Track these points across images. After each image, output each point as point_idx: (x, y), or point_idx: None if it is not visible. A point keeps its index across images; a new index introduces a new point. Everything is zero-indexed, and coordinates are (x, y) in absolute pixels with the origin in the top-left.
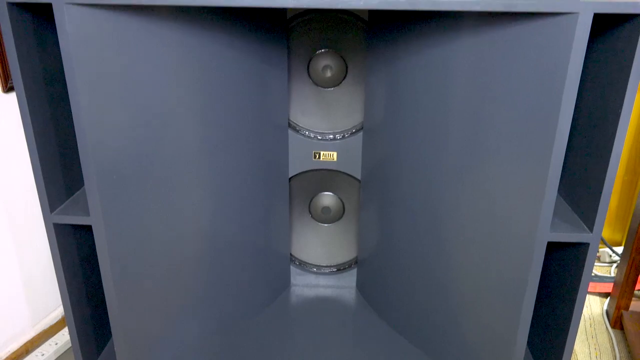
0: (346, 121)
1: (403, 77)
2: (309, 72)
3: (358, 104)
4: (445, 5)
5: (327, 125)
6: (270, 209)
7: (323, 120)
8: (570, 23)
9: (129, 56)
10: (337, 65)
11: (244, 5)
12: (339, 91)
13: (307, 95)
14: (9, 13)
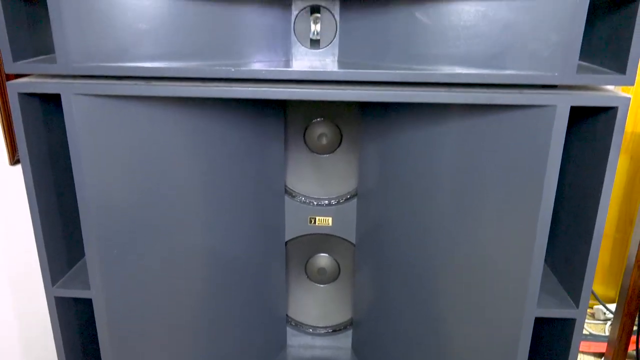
0: (341, 187)
1: (395, 149)
2: (305, 140)
3: (352, 170)
4: (430, 97)
5: (322, 191)
6: (267, 272)
7: (318, 186)
8: (549, 114)
9: (133, 138)
10: (332, 133)
11: (240, 97)
12: (334, 158)
13: (303, 161)
14: (19, 101)
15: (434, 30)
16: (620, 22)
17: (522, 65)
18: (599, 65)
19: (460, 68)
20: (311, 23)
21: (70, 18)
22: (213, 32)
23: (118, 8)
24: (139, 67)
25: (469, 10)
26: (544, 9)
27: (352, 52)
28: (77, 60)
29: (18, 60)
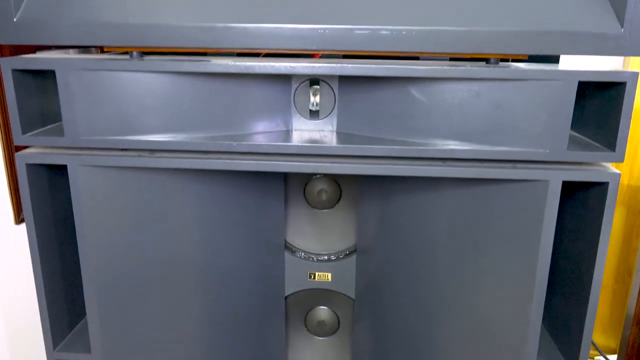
0: (340, 243)
1: (392, 209)
2: (305, 195)
3: (352, 225)
4: (425, 172)
5: (322, 246)
6: (266, 326)
7: (318, 241)
8: (542, 188)
9: (136, 205)
10: (331, 189)
11: (242, 169)
12: (334, 213)
13: (303, 216)
14: (27, 171)
15: (429, 106)
16: (608, 100)
17: (514, 142)
18: (591, 136)
19: (454, 142)
20: (310, 95)
21: (78, 94)
22: (215, 106)
23: (123, 85)
24: (143, 140)
25: (462, 89)
26: (535, 90)
27: (350, 124)
28: (84, 133)
29: (27, 132)
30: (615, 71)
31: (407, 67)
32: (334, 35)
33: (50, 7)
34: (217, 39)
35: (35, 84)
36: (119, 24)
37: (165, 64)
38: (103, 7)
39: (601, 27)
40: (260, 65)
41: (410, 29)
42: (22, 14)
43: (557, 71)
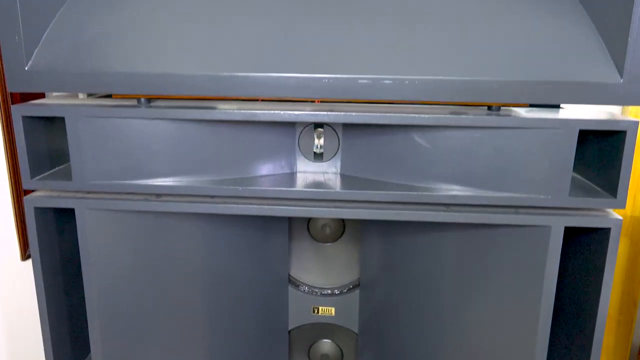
0: (344, 277)
1: (396, 244)
2: (309, 229)
3: (355, 259)
4: (429, 217)
5: (325, 280)
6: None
7: (322, 275)
8: (544, 233)
9: (141, 246)
10: (335, 223)
11: (247, 214)
12: (337, 247)
13: (307, 250)
14: (35, 215)
15: (431, 151)
16: (609, 146)
17: (517, 188)
18: (592, 179)
19: (457, 187)
20: (315, 137)
21: (86, 140)
22: (221, 150)
23: (131, 131)
24: (150, 184)
25: (464, 136)
26: (536, 137)
27: (354, 166)
28: (92, 177)
29: (35, 176)
30: (616, 120)
31: (409, 115)
32: (338, 84)
33: (60, 57)
34: (222, 87)
35: (44, 128)
36: (127, 73)
37: (172, 111)
38: (111, 56)
39: (601, 77)
40: (265, 113)
41: (413, 78)
42: (33, 63)
43: (558, 120)
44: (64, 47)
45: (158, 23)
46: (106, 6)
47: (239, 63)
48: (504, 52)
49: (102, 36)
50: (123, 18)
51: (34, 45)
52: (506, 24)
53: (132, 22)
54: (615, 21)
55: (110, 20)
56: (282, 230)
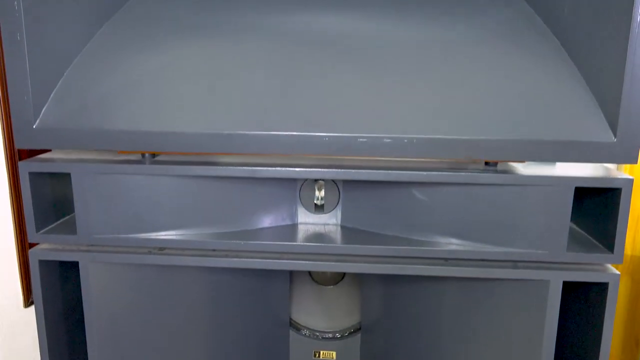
0: (345, 320)
1: (397, 289)
2: (310, 272)
3: (356, 302)
4: (428, 271)
5: (326, 324)
6: None
7: (323, 318)
8: (543, 287)
9: (144, 297)
10: None
11: (248, 267)
12: (338, 290)
13: (308, 293)
14: (39, 267)
15: (430, 206)
16: (605, 202)
17: (515, 243)
18: (590, 231)
19: (456, 241)
20: (316, 190)
21: (91, 195)
22: (223, 204)
23: (135, 186)
24: (153, 238)
25: (462, 192)
26: (533, 194)
27: (354, 218)
28: (96, 231)
29: (40, 229)
30: (611, 178)
31: (408, 172)
32: (338, 142)
33: (68, 115)
34: (225, 145)
35: (49, 181)
36: (132, 132)
37: (175, 168)
38: (117, 114)
39: (595, 137)
40: (266, 170)
41: (411, 137)
42: (41, 121)
43: (554, 177)
44: (71, 105)
45: (162, 82)
46: (111, 66)
47: (241, 121)
48: (501, 111)
49: (108, 95)
50: (128, 77)
51: (42, 104)
52: (502, 84)
53: (137, 81)
54: (608, 82)
55: (115, 80)
56: (283, 274)
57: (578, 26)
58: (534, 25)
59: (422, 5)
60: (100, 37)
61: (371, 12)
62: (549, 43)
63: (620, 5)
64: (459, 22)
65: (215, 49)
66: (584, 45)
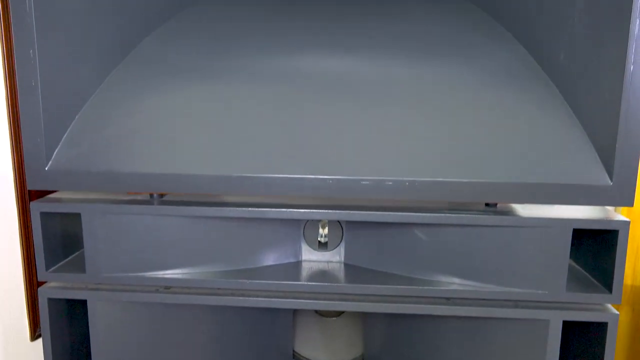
0: (348, 352)
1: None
2: None
3: (359, 333)
4: (430, 310)
5: (329, 356)
6: None
7: (326, 350)
8: (543, 326)
9: (150, 333)
10: None
11: (253, 306)
12: (341, 321)
13: (311, 325)
14: (48, 304)
15: (432, 245)
16: (603, 243)
17: (515, 283)
18: (589, 270)
19: (457, 280)
20: (319, 228)
21: (101, 235)
22: (229, 243)
23: (144, 226)
24: (160, 277)
25: (462, 232)
26: (532, 235)
27: (357, 256)
28: (105, 270)
29: (50, 267)
30: (608, 220)
31: (410, 214)
32: (341, 185)
33: (79, 157)
34: (232, 187)
35: (60, 220)
36: (141, 174)
37: (183, 209)
38: (126, 156)
39: (592, 180)
40: (273, 211)
41: (413, 179)
42: (52, 163)
43: (552, 219)
44: (82, 148)
45: (170, 124)
46: (121, 109)
47: (247, 164)
48: (500, 154)
49: (118, 137)
50: (137, 120)
51: (54, 146)
52: (501, 127)
53: (146, 123)
54: (603, 126)
55: (124, 122)
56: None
57: (573, 70)
58: (531, 68)
59: (422, 47)
60: (111, 81)
61: (374, 55)
62: (546, 86)
63: (614, 52)
64: (458, 64)
65: (222, 91)
66: (580, 89)
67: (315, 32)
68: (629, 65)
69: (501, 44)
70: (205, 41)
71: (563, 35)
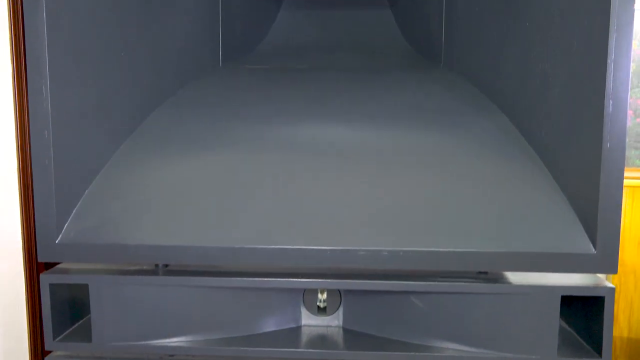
0: None
1: None
2: None
3: None
4: None
5: None
6: None
7: None
8: None
9: None
10: None
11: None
12: None
13: None
14: None
15: (427, 311)
16: (591, 307)
17: (508, 347)
18: (579, 330)
19: (452, 345)
20: (318, 293)
21: (107, 305)
22: (231, 310)
23: (149, 296)
24: (164, 345)
25: (456, 299)
26: (522, 302)
27: (355, 321)
28: (110, 339)
29: (57, 337)
30: (594, 287)
31: (405, 282)
32: (340, 256)
33: (87, 231)
34: (234, 258)
35: (67, 289)
36: (147, 246)
37: (187, 279)
38: (132, 229)
39: (577, 249)
40: (273, 280)
41: (407, 250)
42: (62, 237)
43: (541, 287)
44: (90, 221)
45: (173, 198)
46: (128, 183)
47: (248, 235)
48: (489, 224)
49: (125, 211)
50: (143, 193)
51: (64, 220)
52: (490, 198)
53: (151, 196)
54: (585, 197)
55: (131, 195)
56: None
57: (554, 144)
58: (515, 140)
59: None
60: (119, 155)
61: (367, 127)
62: (529, 157)
63: (591, 131)
64: (448, 136)
65: (225, 162)
66: (561, 162)
67: (314, 103)
68: (606, 145)
69: (486, 115)
70: (210, 113)
71: (543, 111)
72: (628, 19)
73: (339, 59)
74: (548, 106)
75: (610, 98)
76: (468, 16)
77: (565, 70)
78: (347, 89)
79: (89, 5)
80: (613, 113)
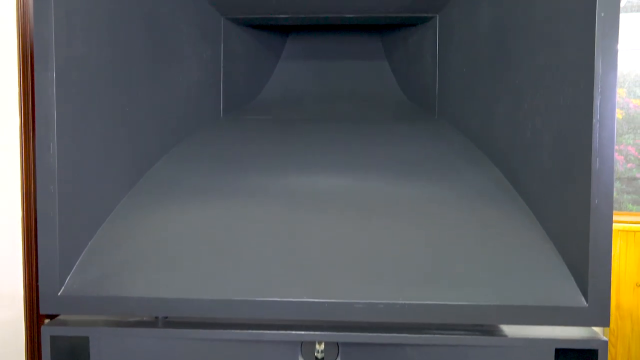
0: None
1: None
2: None
3: None
4: None
5: None
6: None
7: None
8: None
9: None
10: None
11: None
12: None
13: None
14: None
15: None
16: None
17: None
18: None
19: None
20: (316, 345)
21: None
22: None
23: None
24: None
25: (452, 351)
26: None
27: None
28: None
29: None
30: (588, 340)
31: (401, 335)
32: (336, 308)
33: (88, 283)
34: (233, 310)
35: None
36: (147, 298)
37: (187, 332)
38: (132, 282)
39: (569, 302)
40: (271, 333)
41: (403, 303)
42: (65, 289)
43: (535, 339)
44: (92, 274)
45: (174, 250)
46: (128, 236)
47: (246, 287)
48: (482, 277)
49: (125, 264)
50: (143, 247)
51: (66, 273)
52: (483, 252)
53: (151, 250)
54: (576, 252)
55: (132, 248)
56: None
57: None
58: (507, 191)
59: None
60: (120, 208)
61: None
62: (521, 210)
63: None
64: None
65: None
66: (552, 217)
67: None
68: (594, 200)
69: (478, 167)
70: (210, 166)
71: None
72: (611, 83)
73: (336, 108)
74: (538, 159)
75: (597, 156)
76: (461, 70)
77: (554, 125)
78: (344, 141)
79: (96, 61)
80: (600, 170)
